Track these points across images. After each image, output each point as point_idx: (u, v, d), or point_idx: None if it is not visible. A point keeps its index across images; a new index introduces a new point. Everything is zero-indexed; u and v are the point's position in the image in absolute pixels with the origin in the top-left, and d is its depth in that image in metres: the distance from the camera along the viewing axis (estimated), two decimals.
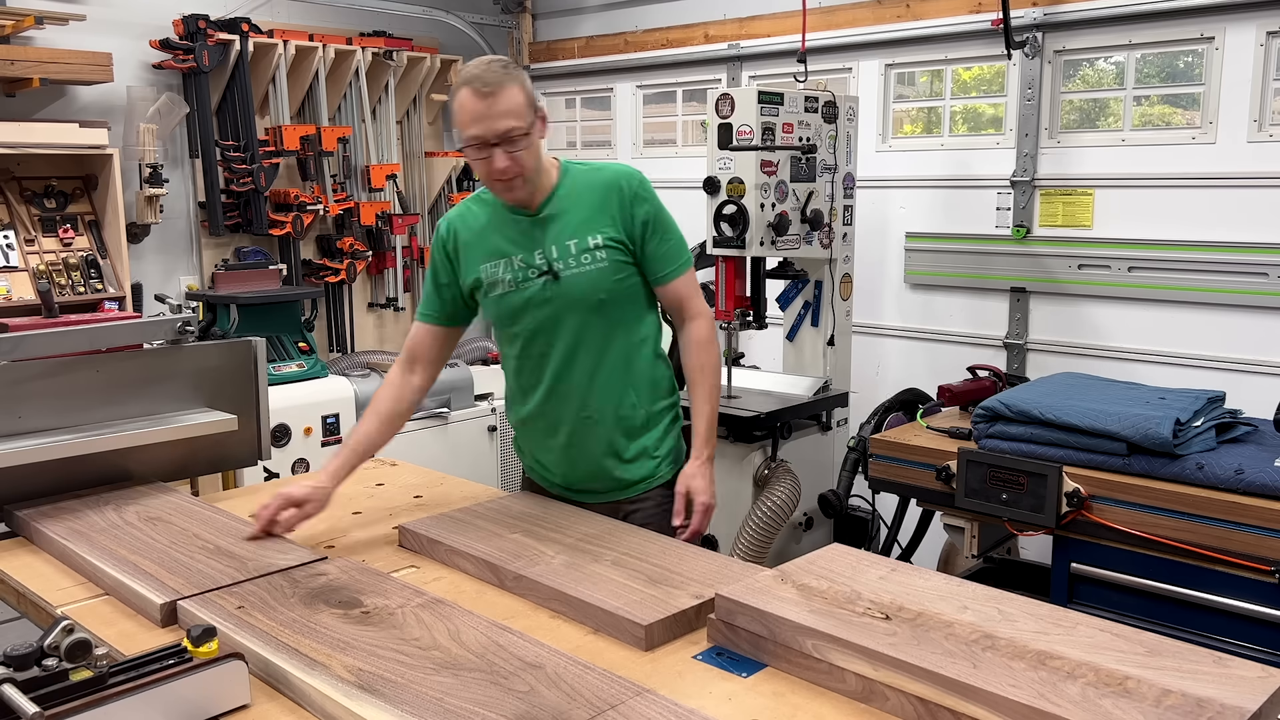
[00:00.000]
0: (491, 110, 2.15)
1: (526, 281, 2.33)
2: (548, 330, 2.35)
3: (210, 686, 1.53)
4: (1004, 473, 2.88)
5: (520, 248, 2.34)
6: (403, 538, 2.28)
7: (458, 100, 2.19)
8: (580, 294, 2.32)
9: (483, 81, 2.15)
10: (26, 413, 2.48)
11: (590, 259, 2.32)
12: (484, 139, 2.17)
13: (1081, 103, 4.06)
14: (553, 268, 2.32)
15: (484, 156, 2.20)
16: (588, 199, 2.34)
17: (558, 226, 2.33)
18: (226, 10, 4.79)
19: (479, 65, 2.19)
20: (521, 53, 5.92)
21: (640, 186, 2.36)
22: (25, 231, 4.30)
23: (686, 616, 1.82)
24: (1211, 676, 1.47)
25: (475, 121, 2.17)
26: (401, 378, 2.46)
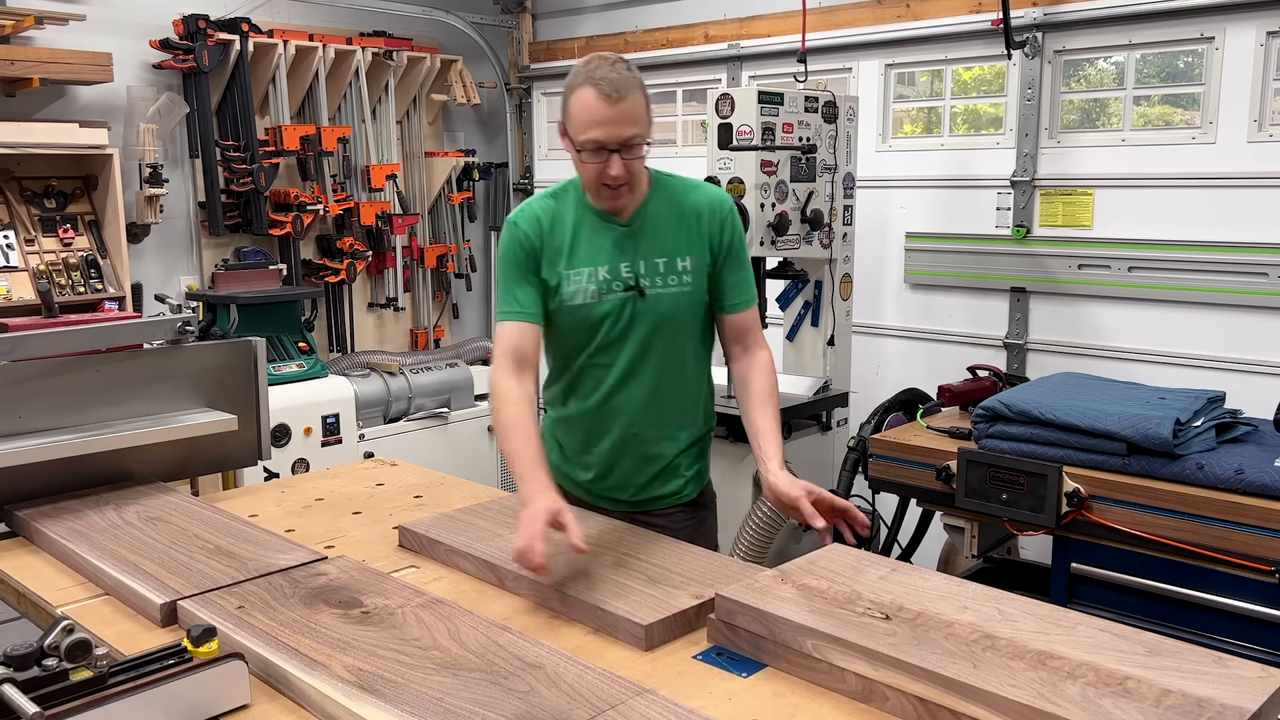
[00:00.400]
0: (618, 116, 2.08)
1: (610, 294, 2.25)
2: (617, 345, 2.28)
3: (210, 686, 1.53)
4: (1004, 473, 2.88)
5: (608, 258, 2.24)
6: (403, 538, 2.28)
7: (580, 99, 2.09)
8: (660, 314, 2.26)
9: (611, 85, 2.07)
10: (26, 413, 2.48)
11: (676, 281, 2.26)
12: (605, 144, 2.10)
13: (1081, 103, 4.06)
14: (639, 284, 2.25)
15: (600, 161, 2.12)
16: (680, 217, 2.28)
17: (648, 241, 2.26)
18: (226, 10, 4.79)
19: (604, 65, 2.10)
20: (521, 53, 5.92)
21: (733, 214, 2.33)
22: (25, 231, 4.30)
23: (686, 616, 1.81)
24: (1211, 676, 1.47)
25: (599, 125, 2.08)
26: (520, 386, 2.19)
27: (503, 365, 2.23)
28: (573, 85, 2.12)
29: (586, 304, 2.25)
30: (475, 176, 5.88)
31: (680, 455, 2.40)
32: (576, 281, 2.25)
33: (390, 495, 2.67)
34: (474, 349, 5.62)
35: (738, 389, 2.36)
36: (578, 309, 2.26)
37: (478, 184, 5.98)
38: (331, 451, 4.59)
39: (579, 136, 2.12)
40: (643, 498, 2.40)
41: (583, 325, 2.27)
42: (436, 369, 5.14)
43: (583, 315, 2.26)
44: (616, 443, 2.35)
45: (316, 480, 2.85)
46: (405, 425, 4.95)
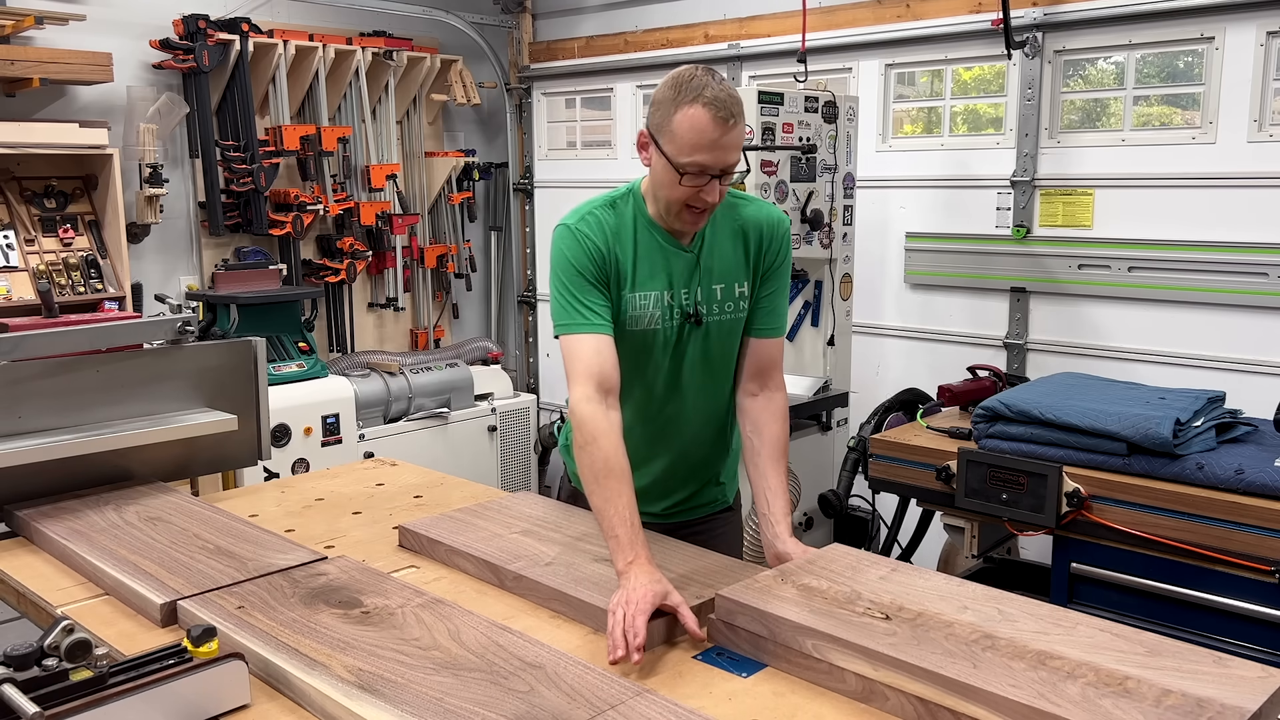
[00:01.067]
0: (730, 141, 1.95)
1: (670, 321, 2.14)
2: (670, 370, 2.19)
3: (210, 686, 1.53)
4: (1004, 473, 2.88)
5: (671, 285, 2.12)
6: (403, 538, 2.28)
7: (691, 118, 1.92)
8: (714, 340, 2.18)
9: (726, 109, 1.92)
10: (26, 413, 2.48)
11: (733, 308, 2.17)
12: (710, 170, 1.95)
13: (1081, 103, 4.06)
14: (699, 312, 2.14)
15: (700, 185, 1.97)
16: (733, 238, 2.17)
17: (707, 268, 2.14)
18: (226, 10, 4.79)
19: (713, 83, 1.94)
20: (521, 53, 5.92)
21: (785, 237, 2.21)
22: (25, 231, 4.30)
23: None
24: (1212, 676, 1.48)
25: (709, 149, 1.93)
26: (609, 420, 1.96)
27: (585, 391, 1.97)
28: (679, 100, 1.93)
29: (651, 330, 2.14)
30: (475, 176, 5.88)
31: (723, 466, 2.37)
32: (641, 306, 2.12)
33: (390, 495, 2.67)
34: (474, 349, 5.62)
35: (748, 428, 2.20)
36: (635, 333, 2.13)
37: (478, 184, 5.98)
38: (331, 451, 4.59)
39: (683, 158, 1.95)
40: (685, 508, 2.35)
41: (638, 349, 2.15)
42: (436, 369, 5.14)
43: (639, 339, 2.14)
44: (669, 463, 2.27)
45: (316, 480, 2.85)
46: (405, 425, 4.95)
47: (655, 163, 2.02)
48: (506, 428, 5.37)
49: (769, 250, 2.19)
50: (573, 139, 5.97)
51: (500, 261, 6.25)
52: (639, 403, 2.21)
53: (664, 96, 1.97)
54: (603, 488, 1.89)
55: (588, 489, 1.93)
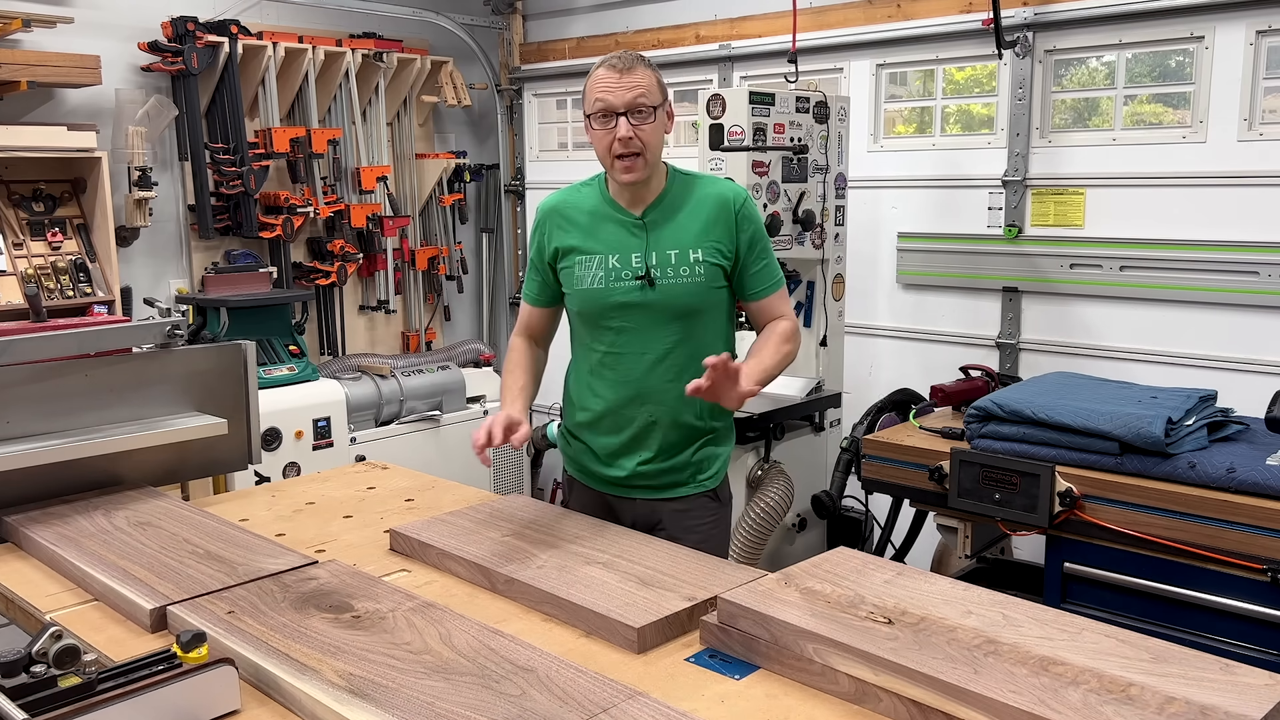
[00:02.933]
0: (622, 82, 2.24)
1: (620, 283, 2.37)
2: (631, 333, 2.40)
3: (200, 692, 1.52)
4: (997, 473, 2.88)
5: (618, 249, 2.38)
6: (393, 541, 2.27)
7: (591, 77, 2.29)
8: (676, 303, 2.37)
9: (621, 60, 2.27)
10: (14, 418, 2.47)
11: (689, 271, 2.36)
12: (612, 107, 2.25)
13: (1072, 102, 4.07)
14: (650, 274, 2.35)
15: (609, 126, 2.26)
16: (694, 211, 2.39)
17: (661, 234, 2.38)
18: (215, 12, 4.78)
19: (617, 54, 2.31)
20: (512, 54, 5.91)
21: (747, 205, 2.42)
22: (13, 235, 4.28)
23: (679, 619, 1.81)
24: (1217, 684, 1.47)
25: (605, 91, 2.25)
26: (524, 344, 2.56)
27: (518, 333, 2.59)
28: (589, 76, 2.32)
29: (596, 289, 2.38)
30: (466, 178, 5.86)
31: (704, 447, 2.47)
32: (586, 267, 2.39)
33: (381, 499, 2.66)
34: (466, 351, 5.60)
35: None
36: (589, 294, 2.40)
37: (469, 185, 5.96)
38: (323, 455, 4.57)
39: (589, 107, 2.29)
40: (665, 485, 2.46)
41: (597, 310, 2.40)
42: (428, 371, 5.12)
43: (595, 300, 2.40)
44: (637, 432, 2.44)
45: (307, 484, 2.84)
46: (397, 428, 4.93)
47: (589, 134, 2.35)
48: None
49: (738, 223, 2.39)
50: (564, 140, 5.96)
51: (492, 263, 6.24)
52: (607, 359, 2.44)
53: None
54: (509, 374, 2.50)
55: (502, 379, 2.52)
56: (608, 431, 2.48)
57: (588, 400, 2.50)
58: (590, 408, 2.49)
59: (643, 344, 2.39)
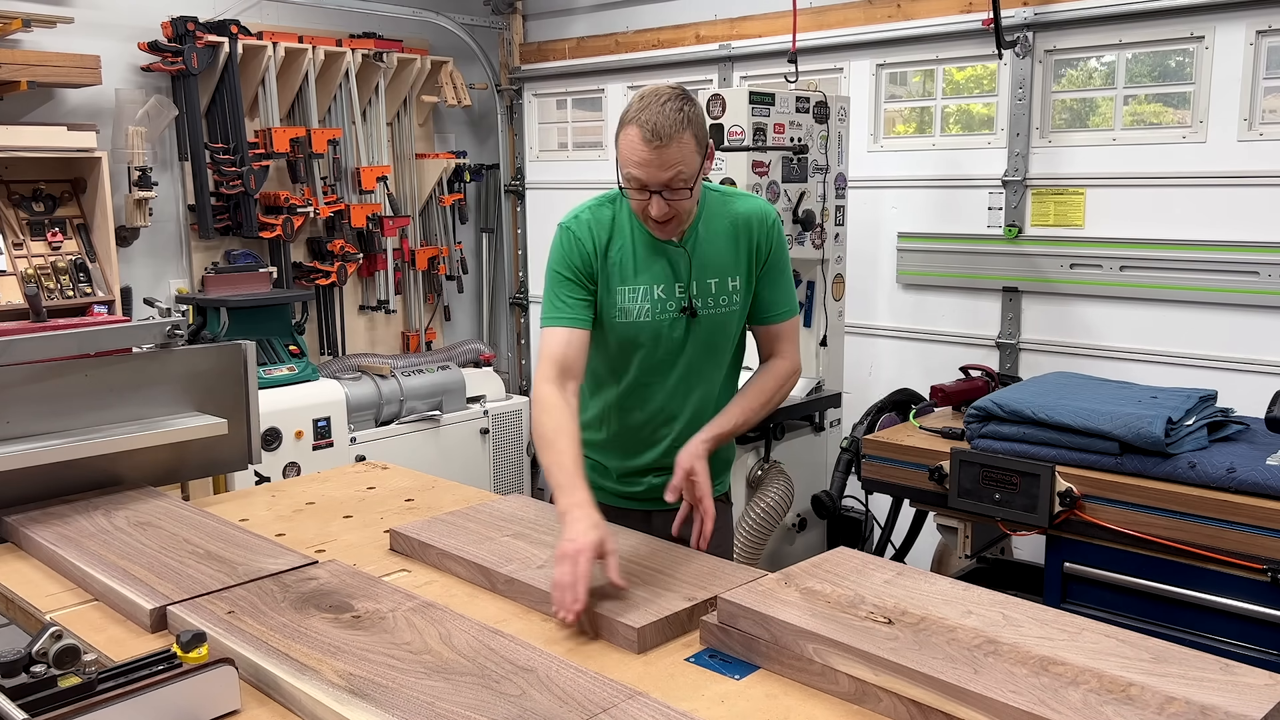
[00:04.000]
0: (658, 160, 2.06)
1: (664, 315, 2.26)
2: (668, 363, 2.30)
3: (200, 692, 1.52)
4: (997, 473, 2.88)
5: (662, 279, 2.25)
6: (394, 541, 2.27)
7: (625, 136, 2.09)
8: (711, 334, 2.30)
9: (653, 130, 2.04)
10: (15, 418, 2.47)
11: (727, 301, 2.29)
12: (646, 185, 2.11)
13: (1072, 102, 4.07)
14: (693, 305, 2.26)
15: (642, 198, 2.14)
16: (725, 233, 2.29)
17: (700, 261, 2.26)
18: (215, 12, 4.78)
19: (654, 104, 2.07)
20: (512, 54, 5.91)
21: (774, 228, 2.32)
22: (13, 235, 4.28)
23: (679, 619, 1.81)
24: (1217, 684, 1.47)
25: (639, 165, 2.09)
26: (563, 396, 2.14)
27: (546, 373, 2.17)
28: (623, 120, 2.11)
29: (641, 322, 2.26)
30: (466, 178, 5.87)
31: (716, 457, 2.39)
32: (632, 299, 2.25)
33: (381, 499, 2.66)
34: (466, 351, 5.61)
35: None
36: (629, 326, 2.26)
37: (469, 185, 5.97)
38: (323, 455, 4.57)
39: (623, 173, 2.13)
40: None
41: (632, 343, 2.28)
42: (428, 371, 5.12)
43: (633, 333, 2.27)
44: (664, 452, 2.34)
45: (307, 484, 2.84)
46: (397, 428, 4.94)
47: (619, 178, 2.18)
48: (499, 430, 5.36)
49: (763, 244, 2.30)
50: (564, 140, 5.96)
51: (492, 263, 6.24)
52: (639, 402, 2.34)
53: (622, 112, 2.14)
54: (553, 448, 2.07)
55: (540, 452, 2.10)
56: (626, 452, 2.41)
57: (609, 422, 2.40)
58: (609, 429, 2.41)
59: (671, 370, 2.31)
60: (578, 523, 1.89)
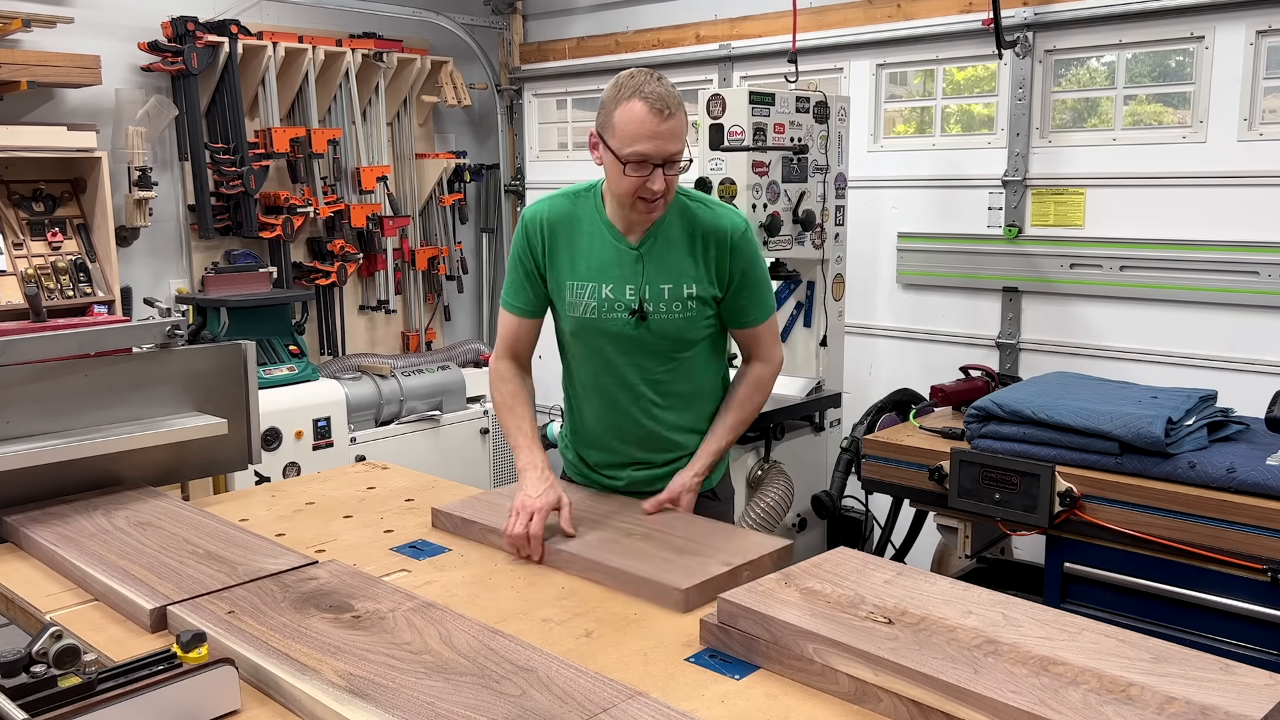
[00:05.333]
0: (667, 131, 2.11)
1: (612, 314, 2.31)
2: (622, 363, 2.36)
3: (200, 692, 1.52)
4: (997, 473, 2.88)
5: (612, 279, 2.31)
6: (435, 519, 2.37)
7: (629, 111, 2.12)
8: (666, 336, 2.33)
9: (663, 101, 2.11)
10: (14, 418, 2.47)
11: (681, 307, 2.31)
12: (651, 158, 2.13)
13: (1072, 102, 4.07)
14: (643, 308, 2.30)
15: (643, 174, 2.15)
16: (688, 240, 2.31)
17: (655, 266, 2.30)
18: (215, 12, 4.78)
19: (650, 80, 2.14)
20: (512, 54, 5.91)
21: (743, 239, 2.33)
22: (13, 235, 4.28)
23: (719, 582, 1.92)
24: (1217, 684, 1.47)
25: (648, 139, 2.11)
26: (515, 369, 2.45)
27: (499, 350, 2.45)
28: (619, 98, 2.14)
29: (589, 319, 2.33)
30: (466, 178, 5.87)
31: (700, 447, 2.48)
32: (579, 294, 2.33)
33: (381, 499, 2.65)
34: (466, 351, 5.61)
35: None
36: (581, 320, 2.35)
37: (469, 185, 5.97)
38: (323, 455, 4.57)
39: (625, 149, 2.13)
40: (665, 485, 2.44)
41: (590, 335, 2.36)
42: (428, 371, 5.12)
43: (588, 327, 2.35)
44: (637, 440, 2.44)
45: (307, 484, 2.84)
46: (397, 428, 4.93)
47: (605, 160, 2.22)
48: (498, 430, 5.35)
49: (726, 260, 2.32)
50: (564, 140, 5.96)
51: (492, 263, 6.24)
52: (596, 386, 2.42)
53: (608, 97, 2.18)
54: (512, 414, 2.39)
55: (500, 418, 2.41)
56: (599, 448, 2.49)
57: (581, 415, 2.50)
58: (583, 423, 2.50)
59: (632, 372, 2.37)
60: (536, 483, 2.21)
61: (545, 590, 2.02)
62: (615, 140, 2.15)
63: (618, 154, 2.15)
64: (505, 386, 2.42)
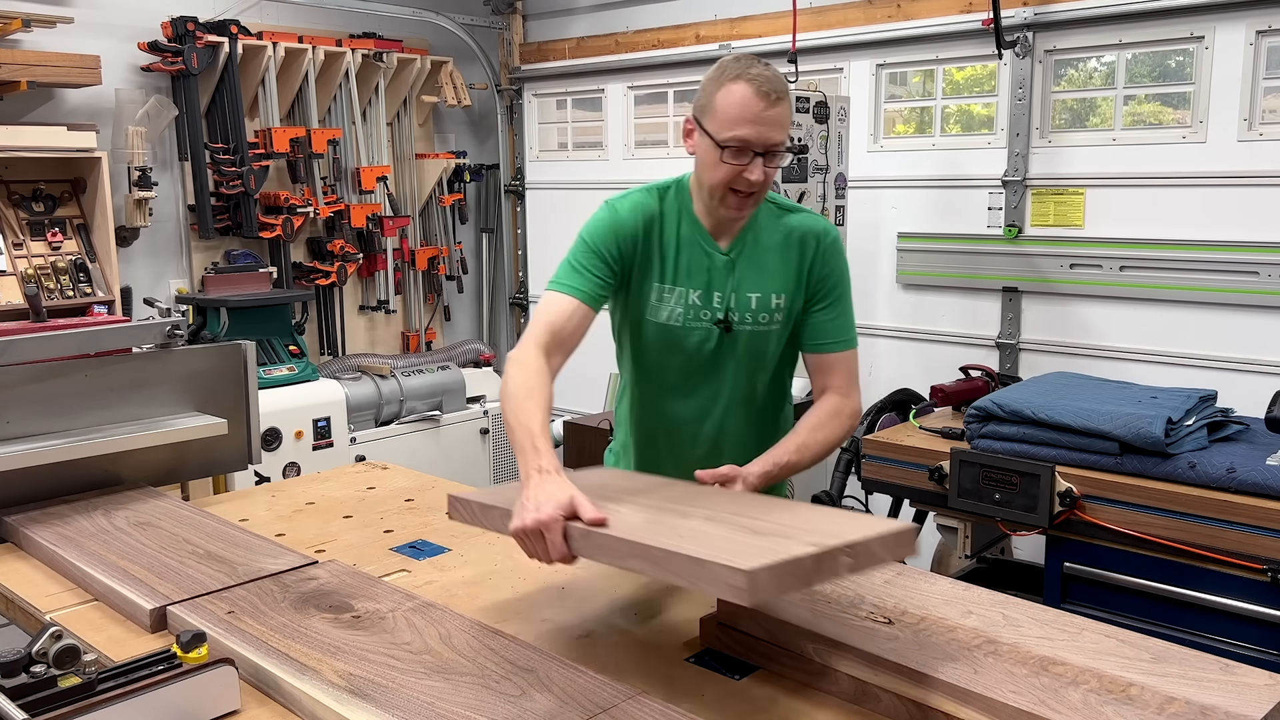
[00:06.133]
0: (773, 117, 1.96)
1: (697, 323, 2.13)
2: (698, 375, 2.17)
3: (200, 692, 1.51)
4: (997, 473, 2.88)
5: (700, 285, 2.11)
6: (452, 508, 1.92)
7: (732, 93, 1.95)
8: (748, 349, 2.15)
9: (770, 84, 1.95)
10: (15, 418, 2.47)
11: (768, 319, 2.14)
12: (752, 145, 1.96)
13: (1072, 102, 4.07)
14: (729, 318, 2.12)
15: (742, 163, 1.97)
16: (775, 246, 2.14)
17: (743, 274, 2.12)
18: (215, 12, 4.78)
19: (757, 64, 1.97)
20: (512, 54, 5.91)
21: (833, 246, 2.17)
22: (13, 235, 4.28)
23: (802, 567, 1.42)
24: (1218, 684, 1.47)
25: (750, 123, 1.94)
26: (543, 361, 1.95)
27: (537, 335, 1.99)
28: (721, 79, 1.98)
29: (671, 326, 2.13)
30: (466, 178, 5.87)
31: None
32: (667, 300, 2.12)
33: (381, 499, 2.65)
34: (466, 351, 5.61)
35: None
36: (662, 327, 2.14)
37: (469, 186, 5.97)
38: (322, 455, 4.57)
39: (724, 133, 1.96)
40: None
41: (668, 346, 2.16)
42: (428, 371, 5.12)
43: (668, 336, 2.15)
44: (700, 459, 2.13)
45: (307, 484, 2.84)
46: (397, 428, 4.94)
47: (699, 146, 2.03)
48: (498, 430, 5.36)
49: (816, 264, 2.15)
50: (564, 140, 5.96)
51: (492, 263, 6.24)
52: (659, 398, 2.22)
53: (709, 79, 2.01)
54: (522, 408, 1.86)
55: (506, 408, 1.89)
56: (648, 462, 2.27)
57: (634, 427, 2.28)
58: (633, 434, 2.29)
59: (701, 384, 2.17)
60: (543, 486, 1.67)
61: (545, 590, 2.02)
62: (714, 124, 1.98)
63: (716, 138, 1.98)
64: (525, 376, 1.92)
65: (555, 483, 1.68)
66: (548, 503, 1.63)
